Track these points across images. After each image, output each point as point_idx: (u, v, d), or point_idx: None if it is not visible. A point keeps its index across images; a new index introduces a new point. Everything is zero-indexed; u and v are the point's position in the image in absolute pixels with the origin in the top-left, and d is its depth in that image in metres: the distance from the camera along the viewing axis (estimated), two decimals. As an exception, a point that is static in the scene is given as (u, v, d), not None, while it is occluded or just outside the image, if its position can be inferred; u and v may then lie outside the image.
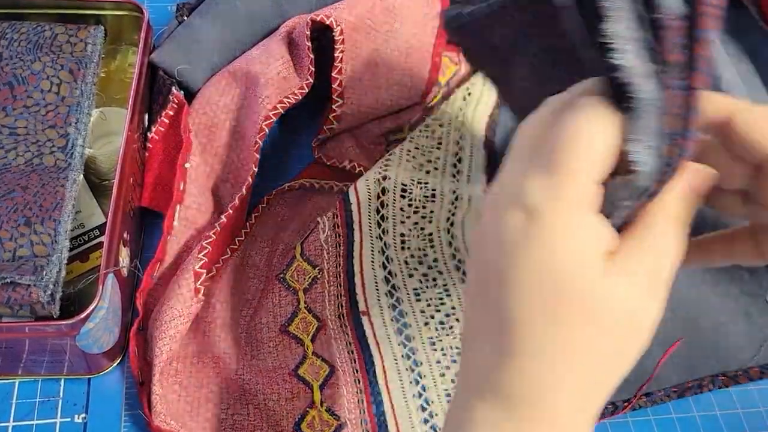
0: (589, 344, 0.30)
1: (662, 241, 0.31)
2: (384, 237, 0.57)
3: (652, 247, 0.31)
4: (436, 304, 0.55)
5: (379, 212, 0.57)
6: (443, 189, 0.59)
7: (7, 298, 0.45)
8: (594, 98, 0.30)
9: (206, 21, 0.61)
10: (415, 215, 0.58)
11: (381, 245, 0.56)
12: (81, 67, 0.56)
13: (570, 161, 0.29)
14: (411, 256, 0.57)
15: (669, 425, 0.54)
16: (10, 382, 0.52)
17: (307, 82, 0.58)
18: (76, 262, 0.53)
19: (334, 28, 0.58)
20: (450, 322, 0.54)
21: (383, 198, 0.57)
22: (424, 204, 0.58)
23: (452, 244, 0.57)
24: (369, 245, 0.56)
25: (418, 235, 0.57)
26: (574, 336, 0.30)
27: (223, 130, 0.59)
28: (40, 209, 0.49)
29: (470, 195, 0.59)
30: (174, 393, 0.51)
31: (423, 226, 0.58)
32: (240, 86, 0.59)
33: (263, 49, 0.60)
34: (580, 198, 0.29)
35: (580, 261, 0.29)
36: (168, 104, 0.58)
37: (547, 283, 0.29)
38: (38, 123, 0.53)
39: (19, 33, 0.56)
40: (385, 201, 0.57)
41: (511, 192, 0.30)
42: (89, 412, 0.52)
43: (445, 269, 0.56)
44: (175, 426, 0.49)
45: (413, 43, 0.63)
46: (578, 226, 0.29)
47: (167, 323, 0.51)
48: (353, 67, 0.60)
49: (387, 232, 0.57)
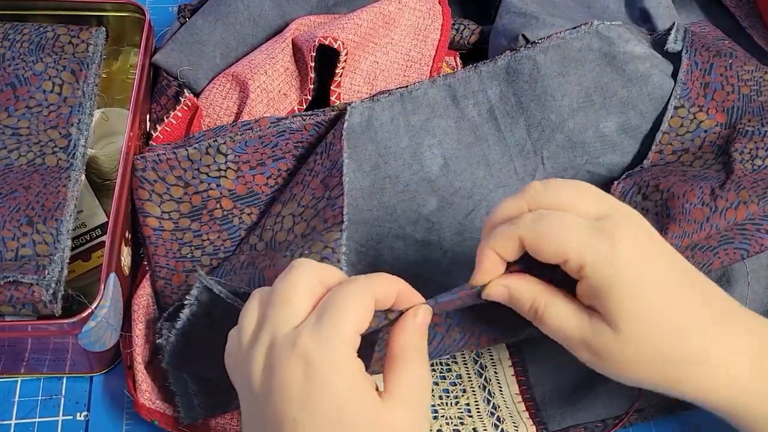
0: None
1: (420, 371, 0.39)
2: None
3: (415, 377, 0.39)
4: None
5: None
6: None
7: (10, 297, 0.45)
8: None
9: (208, 22, 0.62)
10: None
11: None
12: (83, 67, 0.56)
13: (338, 320, 0.37)
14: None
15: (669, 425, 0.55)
16: (13, 380, 0.53)
17: (306, 98, 0.60)
18: (78, 261, 0.54)
19: (341, 51, 0.58)
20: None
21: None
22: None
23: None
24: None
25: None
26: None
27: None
28: (42, 209, 0.49)
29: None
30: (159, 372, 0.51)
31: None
32: (242, 95, 0.59)
33: (267, 55, 0.60)
34: (346, 348, 0.37)
35: (359, 400, 0.36)
36: (178, 105, 0.58)
37: (338, 420, 0.36)
38: (40, 123, 0.53)
39: (21, 34, 0.57)
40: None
41: (288, 342, 0.37)
42: (91, 410, 0.52)
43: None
44: (161, 405, 0.50)
45: (413, 55, 0.64)
46: (349, 371, 0.37)
47: (144, 307, 0.52)
48: (352, 80, 0.61)
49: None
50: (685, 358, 0.41)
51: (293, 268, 0.39)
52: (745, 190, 0.51)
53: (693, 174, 0.54)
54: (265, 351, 0.38)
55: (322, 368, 0.36)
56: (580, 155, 0.59)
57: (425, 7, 0.64)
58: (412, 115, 0.58)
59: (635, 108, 0.59)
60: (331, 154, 0.54)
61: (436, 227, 0.57)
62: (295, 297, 0.38)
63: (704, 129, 0.58)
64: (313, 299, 0.39)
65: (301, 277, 0.39)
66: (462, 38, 0.67)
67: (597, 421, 0.53)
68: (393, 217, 0.57)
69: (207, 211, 0.55)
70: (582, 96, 0.59)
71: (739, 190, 0.51)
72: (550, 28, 0.60)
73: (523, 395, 0.54)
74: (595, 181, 0.58)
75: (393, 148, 0.58)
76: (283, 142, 0.57)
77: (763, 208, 0.51)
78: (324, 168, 0.54)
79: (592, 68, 0.59)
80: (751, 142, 0.55)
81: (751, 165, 0.54)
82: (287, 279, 0.39)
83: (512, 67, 0.60)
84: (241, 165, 0.56)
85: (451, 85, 0.60)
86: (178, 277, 0.53)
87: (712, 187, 0.52)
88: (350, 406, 0.36)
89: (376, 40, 0.61)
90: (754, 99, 0.58)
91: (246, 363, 0.38)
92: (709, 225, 0.50)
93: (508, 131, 0.59)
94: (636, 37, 0.61)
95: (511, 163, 0.59)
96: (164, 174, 0.55)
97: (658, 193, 0.53)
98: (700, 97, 0.59)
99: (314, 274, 0.39)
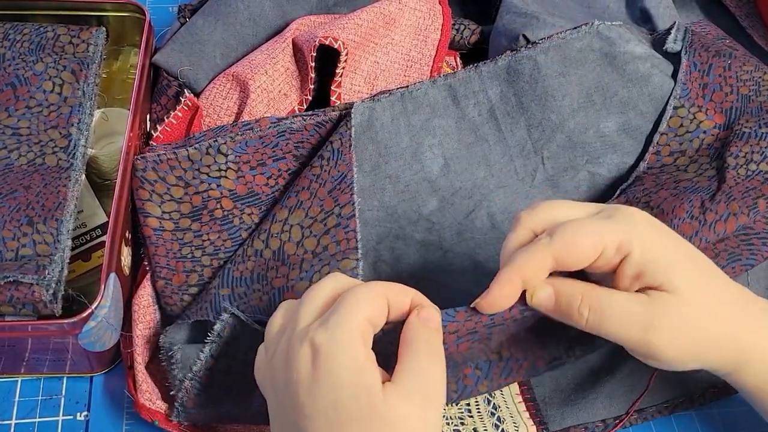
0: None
1: (426, 365, 0.38)
2: None
3: (420, 369, 0.38)
4: None
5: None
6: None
7: (10, 297, 0.45)
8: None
9: (208, 22, 0.62)
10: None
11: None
12: (83, 67, 0.56)
13: (347, 311, 0.38)
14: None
15: (669, 425, 0.55)
16: (13, 380, 0.53)
17: (306, 98, 0.60)
18: (78, 261, 0.54)
19: (341, 51, 0.58)
20: None
21: None
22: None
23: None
24: None
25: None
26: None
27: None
28: (42, 209, 0.49)
29: None
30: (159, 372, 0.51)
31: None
32: (243, 95, 0.59)
33: (267, 55, 0.60)
34: (353, 336, 0.37)
35: (359, 387, 0.37)
36: (178, 105, 0.58)
37: (335, 407, 0.36)
38: (40, 123, 0.53)
39: (21, 34, 0.57)
40: None
41: (302, 334, 0.38)
42: (91, 410, 0.52)
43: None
44: (161, 405, 0.50)
45: (413, 56, 0.64)
46: (353, 357, 0.37)
47: (145, 307, 0.52)
48: (352, 80, 0.61)
49: None
50: (746, 317, 0.43)
51: (323, 279, 0.42)
52: (736, 201, 0.51)
53: (684, 186, 0.54)
54: (285, 346, 0.39)
55: (328, 353, 0.37)
56: (580, 155, 0.59)
57: (425, 7, 0.64)
58: (413, 115, 0.58)
59: (635, 108, 0.59)
60: (339, 164, 0.54)
61: (437, 227, 0.57)
62: (317, 299, 0.40)
63: (703, 130, 0.58)
64: (332, 303, 0.40)
65: (326, 284, 0.41)
66: (462, 38, 0.67)
67: (597, 421, 0.53)
68: (393, 217, 0.57)
69: (207, 211, 0.55)
70: (582, 96, 0.59)
71: (729, 202, 0.51)
72: (550, 29, 0.60)
73: (524, 395, 0.54)
74: (595, 181, 0.58)
75: (393, 148, 0.58)
76: (283, 142, 0.57)
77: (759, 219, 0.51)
78: (332, 177, 0.54)
79: (593, 68, 0.59)
80: (747, 146, 0.55)
81: (745, 170, 0.54)
82: (314, 286, 0.41)
83: (513, 67, 0.60)
84: (242, 165, 0.56)
85: (451, 85, 0.60)
86: (179, 277, 0.53)
87: (702, 200, 0.52)
88: (349, 392, 0.36)
89: (377, 40, 0.61)
90: (752, 99, 0.58)
91: (271, 364, 0.40)
92: (698, 239, 0.51)
93: (509, 131, 0.59)
94: (636, 37, 0.61)
95: (511, 163, 0.59)
96: (164, 174, 0.55)
97: (648, 209, 0.53)
98: (699, 98, 0.59)
99: (341, 282, 0.41)
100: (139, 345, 0.51)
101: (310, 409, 0.37)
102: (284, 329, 0.40)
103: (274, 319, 0.42)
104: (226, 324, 0.47)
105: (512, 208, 0.58)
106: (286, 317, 0.42)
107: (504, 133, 0.59)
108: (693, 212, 0.51)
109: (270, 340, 0.41)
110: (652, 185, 0.55)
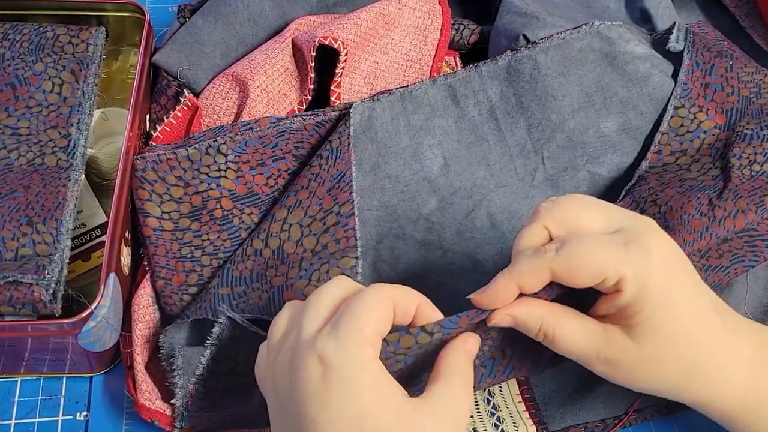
0: None
1: (459, 392, 0.39)
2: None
3: (453, 394, 0.39)
4: None
5: None
6: None
7: (10, 297, 0.45)
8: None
9: (208, 22, 0.62)
10: None
11: None
12: (83, 67, 0.56)
13: (354, 320, 0.37)
14: None
15: (669, 425, 0.55)
16: (12, 380, 0.53)
17: (306, 98, 0.60)
18: (78, 261, 0.54)
19: (341, 51, 0.58)
20: None
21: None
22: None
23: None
24: None
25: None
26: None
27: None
28: (42, 209, 0.49)
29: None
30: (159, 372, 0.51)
31: None
32: (242, 95, 0.59)
33: (267, 55, 0.60)
34: (364, 347, 0.37)
35: (383, 401, 0.37)
36: (178, 105, 0.58)
37: (358, 423, 0.36)
38: (40, 123, 0.53)
39: (21, 34, 0.57)
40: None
41: (309, 343, 0.38)
42: (91, 410, 0.52)
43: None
44: (161, 405, 0.50)
45: (413, 55, 0.64)
46: (370, 371, 0.37)
47: (144, 307, 0.52)
48: (352, 80, 0.61)
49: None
50: (698, 365, 0.41)
51: (329, 281, 0.41)
52: (743, 199, 0.51)
53: (690, 185, 0.54)
54: (290, 353, 0.39)
55: (340, 367, 0.36)
56: (580, 155, 0.59)
57: (425, 7, 0.64)
58: (413, 115, 0.58)
59: (636, 108, 0.59)
60: (338, 162, 0.54)
61: (436, 227, 0.57)
62: (322, 304, 0.40)
63: (704, 130, 0.58)
64: (337, 308, 0.40)
65: (331, 289, 0.41)
66: (462, 38, 0.67)
67: (597, 421, 0.53)
68: (393, 217, 0.57)
69: (207, 211, 0.55)
70: (582, 96, 0.59)
71: (736, 199, 0.51)
72: (550, 28, 0.60)
73: (524, 395, 0.54)
74: (595, 180, 0.58)
75: (393, 148, 0.58)
76: (283, 142, 0.57)
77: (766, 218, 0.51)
78: (330, 176, 0.54)
79: (593, 68, 0.59)
80: (750, 147, 0.55)
81: (749, 171, 0.54)
82: (319, 290, 0.41)
83: (513, 67, 0.60)
84: (241, 165, 0.56)
85: (451, 84, 0.60)
86: (178, 277, 0.53)
87: (709, 197, 0.52)
88: (374, 407, 0.36)
89: (376, 40, 0.61)
90: (753, 101, 0.58)
91: (273, 367, 0.40)
92: (708, 234, 0.51)
93: (509, 131, 0.59)
94: (636, 37, 0.61)
95: (511, 163, 0.59)
96: (164, 174, 0.55)
97: (656, 207, 0.53)
98: (700, 98, 0.59)
99: (347, 286, 0.41)
100: (139, 345, 0.51)
101: (327, 425, 0.36)
102: (289, 332, 0.40)
103: (279, 320, 0.42)
104: (224, 327, 0.47)
105: (512, 207, 0.58)
106: (290, 320, 0.41)
107: (504, 133, 0.59)
108: (702, 209, 0.51)
109: (273, 342, 0.41)
110: (657, 184, 0.55)
